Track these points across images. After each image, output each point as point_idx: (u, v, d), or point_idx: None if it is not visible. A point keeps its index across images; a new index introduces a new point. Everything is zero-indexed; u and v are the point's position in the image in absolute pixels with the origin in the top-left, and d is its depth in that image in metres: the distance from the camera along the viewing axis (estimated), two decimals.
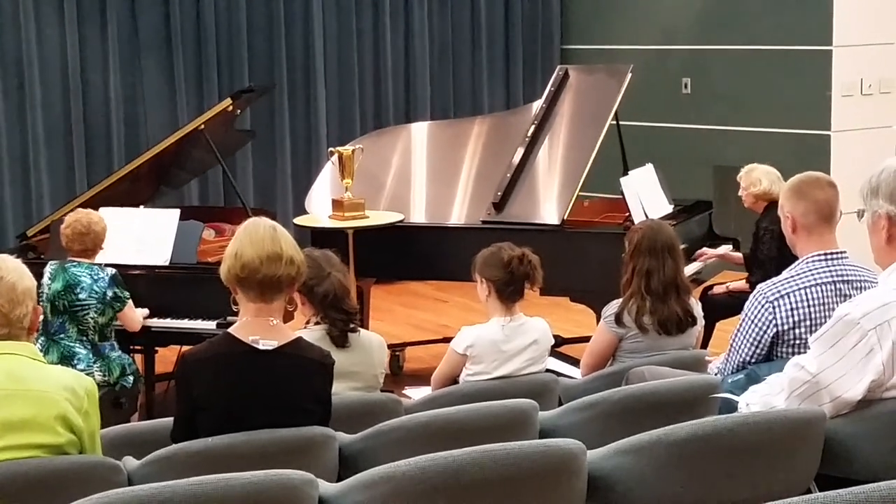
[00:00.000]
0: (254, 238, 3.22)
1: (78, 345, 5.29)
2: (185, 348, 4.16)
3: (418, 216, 6.73)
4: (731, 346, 3.76)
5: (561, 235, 6.30)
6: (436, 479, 2.60)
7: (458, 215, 6.68)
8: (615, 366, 4.61)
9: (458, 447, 2.67)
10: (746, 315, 3.69)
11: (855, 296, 3.34)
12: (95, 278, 5.30)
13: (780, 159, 6.84)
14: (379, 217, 6.45)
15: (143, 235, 5.83)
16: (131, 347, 5.81)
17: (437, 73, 9.75)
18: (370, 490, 2.66)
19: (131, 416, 5.43)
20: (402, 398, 4.16)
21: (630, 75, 6.82)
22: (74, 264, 5.34)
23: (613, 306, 4.65)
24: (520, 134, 6.78)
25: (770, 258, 5.95)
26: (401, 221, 6.46)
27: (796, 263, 3.69)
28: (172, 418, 3.34)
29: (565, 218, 6.35)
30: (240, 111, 6.71)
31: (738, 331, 3.72)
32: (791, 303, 3.60)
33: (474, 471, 2.62)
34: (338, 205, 6.37)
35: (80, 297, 5.27)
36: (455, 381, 4.41)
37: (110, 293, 5.31)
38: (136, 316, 5.51)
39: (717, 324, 6.23)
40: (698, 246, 6.73)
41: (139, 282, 5.72)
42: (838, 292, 3.60)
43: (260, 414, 3.18)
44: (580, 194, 6.55)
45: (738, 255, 6.63)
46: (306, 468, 2.73)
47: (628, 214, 6.38)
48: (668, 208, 6.78)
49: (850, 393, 2.90)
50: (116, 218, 5.84)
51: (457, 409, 3.41)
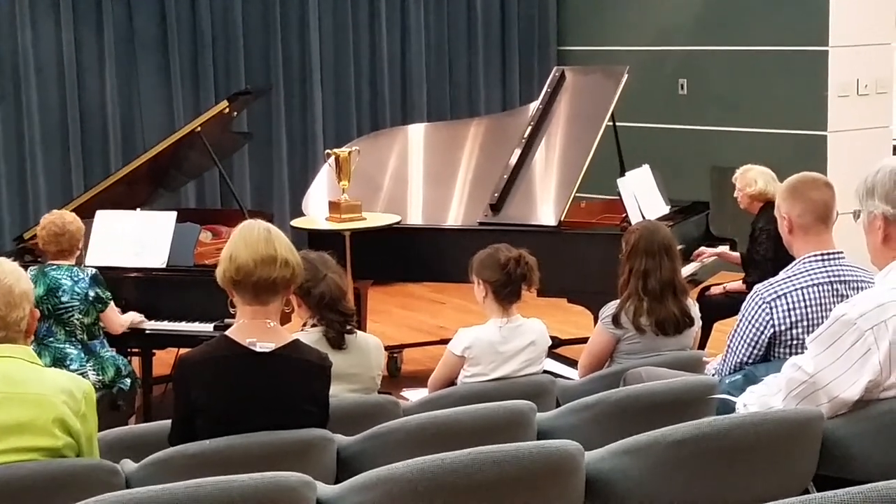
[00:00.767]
0: (248, 240, 3.22)
1: (68, 346, 5.29)
2: (183, 351, 4.16)
3: (415, 218, 6.73)
4: (729, 346, 3.77)
5: (558, 237, 6.30)
6: (434, 481, 2.60)
7: (454, 217, 6.67)
8: (613, 367, 4.61)
9: (456, 449, 2.67)
10: (743, 316, 3.69)
11: (852, 296, 3.34)
12: (76, 279, 5.29)
13: (776, 160, 6.85)
14: (376, 219, 6.44)
15: (140, 238, 5.83)
16: (129, 350, 5.81)
17: (433, 75, 9.75)
18: (368, 492, 2.65)
19: (129, 418, 5.43)
20: (400, 400, 4.15)
21: (626, 76, 6.82)
22: (54, 268, 5.32)
23: (611, 307, 4.65)
24: (516, 135, 6.78)
25: (766, 258, 5.95)
26: (398, 223, 6.46)
27: (793, 264, 3.69)
28: (170, 421, 3.33)
29: (562, 219, 6.36)
30: (236, 113, 6.71)
31: (736, 331, 3.72)
32: (788, 303, 3.60)
33: (472, 472, 2.62)
34: (335, 207, 6.37)
35: (63, 299, 5.26)
36: (453, 382, 4.41)
37: (92, 293, 5.30)
38: (118, 318, 5.48)
39: (715, 324, 6.23)
40: (695, 247, 6.74)
41: (136, 284, 5.72)
42: (835, 293, 3.61)
43: (258, 416, 3.18)
44: (577, 195, 6.55)
45: (736, 255, 6.64)
46: (304, 470, 2.73)
47: (625, 215, 6.38)
48: (665, 209, 6.78)
49: (847, 393, 2.90)
50: (113, 220, 5.84)
51: (455, 411, 3.41)
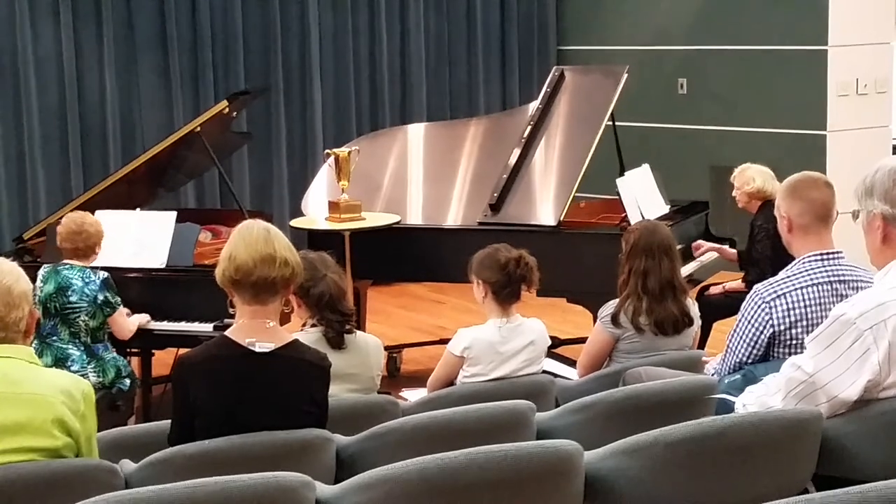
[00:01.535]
0: (248, 240, 3.22)
1: (71, 346, 5.29)
2: (182, 351, 4.16)
3: (415, 218, 6.72)
4: (728, 346, 3.77)
5: (557, 236, 6.30)
6: (433, 481, 2.61)
7: (454, 216, 6.67)
8: (612, 366, 4.61)
9: (456, 449, 2.67)
10: (743, 315, 3.69)
11: (851, 296, 3.34)
12: (87, 281, 5.29)
13: (775, 159, 6.85)
14: (375, 219, 6.44)
15: (140, 238, 5.83)
16: (128, 350, 5.81)
17: (433, 75, 9.75)
18: (367, 492, 2.66)
19: (128, 419, 5.42)
20: (400, 400, 4.15)
21: (626, 76, 6.82)
22: (67, 267, 5.33)
23: (610, 307, 4.66)
24: (516, 135, 6.78)
25: (765, 257, 5.96)
26: (397, 223, 6.46)
27: (793, 264, 3.70)
28: (169, 421, 3.33)
29: (562, 219, 6.35)
30: (236, 113, 6.70)
31: (735, 331, 3.72)
32: (787, 303, 3.61)
33: (472, 472, 2.62)
34: (334, 207, 6.37)
35: (72, 299, 5.26)
36: (452, 382, 4.41)
37: (101, 297, 5.30)
38: (126, 323, 5.47)
39: (714, 324, 6.23)
40: None
41: (136, 285, 5.72)
42: (834, 292, 3.61)
43: (257, 416, 3.18)
44: (576, 195, 6.55)
45: (733, 252, 6.64)
46: (304, 470, 2.73)
47: (625, 215, 6.38)
48: (665, 209, 6.78)
49: (846, 393, 2.90)
50: (113, 221, 5.83)
51: (454, 411, 3.41)
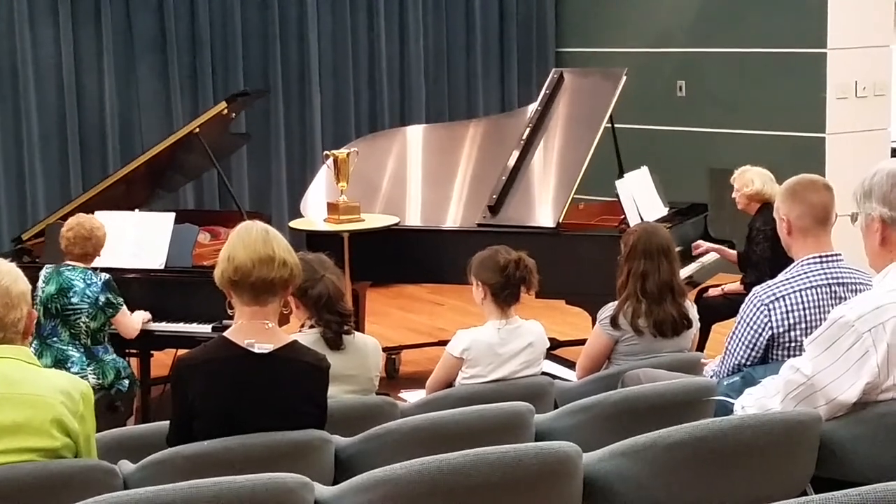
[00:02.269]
0: (246, 241, 3.22)
1: (71, 348, 5.29)
2: (181, 352, 4.16)
3: (414, 219, 6.73)
4: (727, 348, 3.77)
5: (556, 238, 6.30)
6: (432, 483, 2.60)
7: (453, 218, 6.68)
8: (611, 368, 4.61)
9: (455, 450, 2.67)
10: (742, 318, 3.69)
11: (850, 298, 3.34)
12: (88, 283, 5.30)
13: (774, 162, 6.85)
14: (374, 220, 6.44)
15: (139, 239, 5.83)
16: (127, 351, 5.81)
17: (431, 76, 9.75)
18: (366, 493, 2.65)
19: (127, 419, 5.42)
20: (398, 401, 4.15)
21: (625, 78, 6.82)
22: (69, 268, 5.33)
23: (609, 309, 4.66)
24: (515, 137, 6.78)
25: (763, 258, 5.97)
26: (396, 224, 6.46)
27: (792, 266, 3.70)
28: (168, 422, 3.33)
29: (560, 221, 6.36)
30: (235, 115, 6.70)
31: (734, 333, 3.72)
32: (786, 305, 3.61)
33: (470, 474, 2.62)
34: (333, 208, 6.37)
35: (73, 301, 5.26)
36: (451, 384, 4.41)
37: (103, 298, 5.30)
38: (131, 322, 5.49)
39: (713, 326, 6.24)
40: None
41: (135, 285, 5.72)
42: (833, 295, 3.61)
43: (255, 417, 3.18)
44: (575, 197, 6.55)
45: (733, 252, 6.63)
46: (302, 471, 2.73)
47: (623, 217, 6.39)
48: (664, 211, 6.78)
49: (845, 395, 2.90)
50: (111, 222, 5.83)
51: (453, 413, 3.41)
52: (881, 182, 2.94)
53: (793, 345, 3.59)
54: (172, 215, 5.97)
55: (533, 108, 6.93)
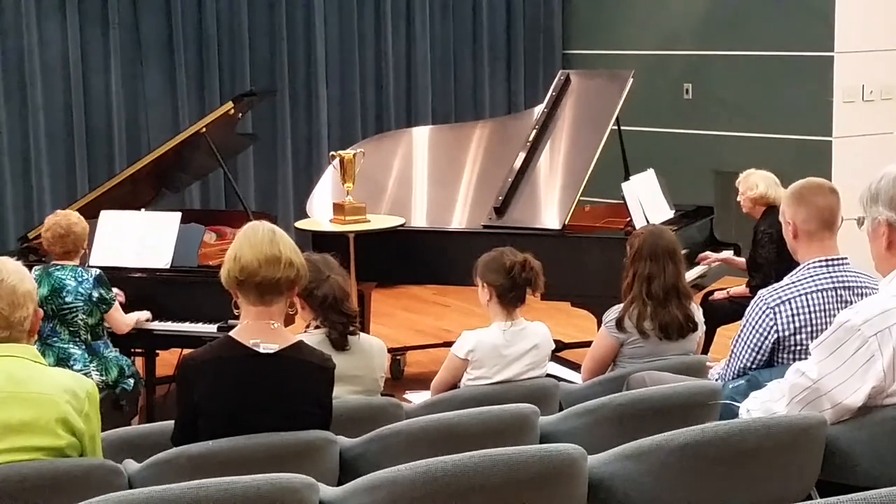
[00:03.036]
0: (253, 241, 3.22)
1: (72, 346, 5.29)
2: (186, 351, 4.16)
3: (419, 220, 6.72)
4: (732, 351, 3.77)
5: (562, 240, 6.30)
6: (436, 484, 2.60)
7: (459, 219, 6.67)
8: (616, 371, 4.61)
9: (459, 452, 2.67)
10: (747, 321, 3.69)
11: (856, 302, 3.34)
12: (80, 280, 5.29)
13: (781, 165, 6.84)
14: (380, 221, 6.45)
15: (145, 238, 5.83)
16: (132, 350, 5.81)
17: (438, 77, 9.75)
18: (371, 494, 2.66)
19: (132, 418, 5.43)
20: (403, 402, 4.15)
21: (632, 80, 6.82)
22: (58, 268, 5.33)
23: (614, 311, 4.65)
24: (521, 138, 6.78)
25: (769, 262, 5.96)
26: (402, 225, 6.46)
27: (797, 269, 3.69)
28: (173, 421, 3.34)
29: (566, 223, 6.35)
30: (241, 115, 6.71)
31: (739, 337, 3.72)
32: (792, 309, 3.60)
33: (475, 475, 2.62)
34: (339, 209, 6.37)
35: (67, 300, 5.26)
36: (456, 385, 4.41)
37: (96, 294, 5.30)
38: (123, 318, 5.49)
39: (718, 329, 6.22)
40: (699, 251, 6.74)
41: (140, 285, 5.73)
42: (839, 298, 3.60)
43: (261, 417, 3.18)
44: (581, 199, 6.55)
45: (741, 260, 6.60)
46: (307, 472, 2.73)
47: (629, 219, 6.39)
48: (670, 214, 6.78)
49: (850, 399, 2.90)
50: (118, 221, 5.84)
51: (457, 414, 3.41)
52: (888, 186, 2.94)
53: (798, 348, 3.58)
54: (178, 215, 5.97)
55: (539, 109, 6.93)
